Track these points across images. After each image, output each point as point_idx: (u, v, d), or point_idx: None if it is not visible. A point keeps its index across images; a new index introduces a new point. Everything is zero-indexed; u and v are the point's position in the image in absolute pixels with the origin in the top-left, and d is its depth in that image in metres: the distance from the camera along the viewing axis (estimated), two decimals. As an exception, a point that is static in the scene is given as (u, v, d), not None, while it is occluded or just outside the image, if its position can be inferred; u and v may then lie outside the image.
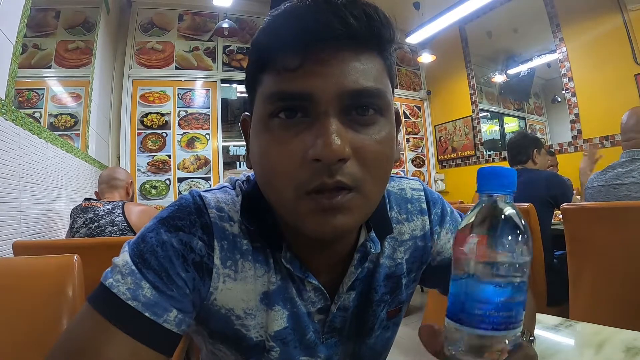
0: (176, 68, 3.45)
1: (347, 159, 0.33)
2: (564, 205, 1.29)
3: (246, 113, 0.43)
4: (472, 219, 0.28)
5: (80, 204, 1.55)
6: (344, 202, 0.34)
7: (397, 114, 0.42)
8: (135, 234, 1.48)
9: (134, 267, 0.36)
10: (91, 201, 1.56)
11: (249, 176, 0.47)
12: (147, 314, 0.35)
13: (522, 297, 0.27)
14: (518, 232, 0.27)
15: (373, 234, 0.45)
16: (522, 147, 1.87)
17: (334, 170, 0.33)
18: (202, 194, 0.42)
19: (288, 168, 0.34)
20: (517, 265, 0.26)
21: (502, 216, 0.28)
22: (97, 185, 1.71)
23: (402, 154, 4.23)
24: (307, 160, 0.33)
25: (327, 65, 0.33)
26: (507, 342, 0.27)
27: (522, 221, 0.28)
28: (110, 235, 1.45)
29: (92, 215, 1.48)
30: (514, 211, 0.28)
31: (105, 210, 1.49)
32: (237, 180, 0.47)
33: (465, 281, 0.27)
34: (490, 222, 0.28)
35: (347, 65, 0.34)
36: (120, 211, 1.51)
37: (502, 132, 4.06)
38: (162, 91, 3.38)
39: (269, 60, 0.35)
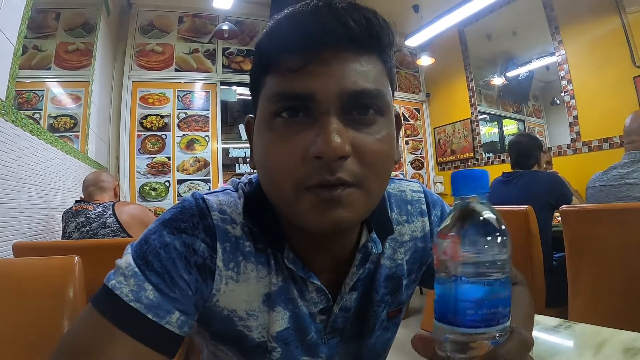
0: (176, 70, 3.45)
1: (348, 157, 0.34)
2: (562, 207, 1.29)
3: (250, 115, 0.44)
4: (449, 222, 0.29)
5: (71, 207, 1.54)
6: (344, 196, 0.35)
7: (397, 116, 0.43)
8: (127, 233, 1.49)
9: (136, 269, 0.36)
10: (82, 204, 1.55)
11: (250, 178, 0.47)
12: (149, 316, 0.35)
13: (507, 292, 0.28)
14: (494, 230, 0.28)
15: (374, 235, 0.45)
16: (529, 150, 1.86)
17: (335, 168, 0.34)
18: (205, 196, 0.43)
19: (289, 165, 0.35)
20: (497, 263, 0.27)
21: (477, 217, 0.29)
22: (83, 189, 1.67)
23: (402, 157, 4.24)
24: (308, 157, 0.34)
25: (329, 66, 0.34)
26: (497, 335, 0.27)
27: (498, 219, 0.29)
28: (104, 238, 1.43)
29: (83, 219, 1.47)
30: (488, 211, 0.29)
31: (97, 213, 1.49)
32: (240, 182, 0.47)
33: (447, 283, 0.28)
34: (466, 223, 0.28)
35: (348, 67, 0.35)
36: (111, 212, 1.50)
37: (501, 134, 4.06)
38: (161, 93, 3.37)
39: (273, 63, 0.36)
